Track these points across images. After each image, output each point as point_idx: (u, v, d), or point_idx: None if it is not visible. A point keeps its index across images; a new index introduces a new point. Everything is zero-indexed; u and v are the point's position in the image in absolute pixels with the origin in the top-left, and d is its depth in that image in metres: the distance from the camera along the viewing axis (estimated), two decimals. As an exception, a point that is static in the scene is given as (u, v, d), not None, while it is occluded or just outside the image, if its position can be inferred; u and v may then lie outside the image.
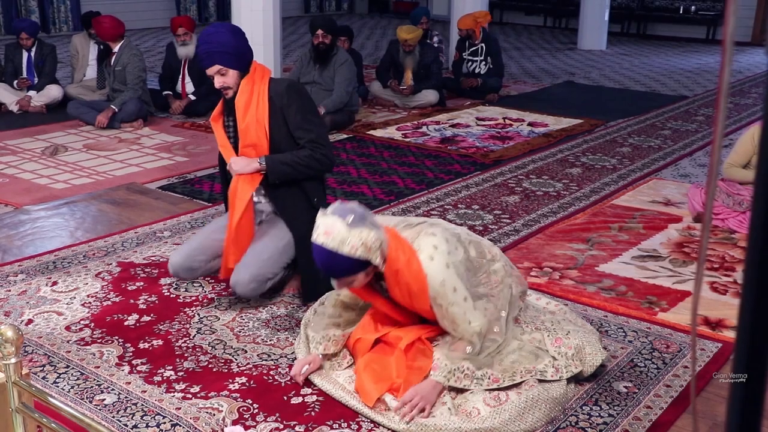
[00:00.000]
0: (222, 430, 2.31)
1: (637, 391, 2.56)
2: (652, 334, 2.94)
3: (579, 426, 2.36)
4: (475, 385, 2.36)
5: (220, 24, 3.11)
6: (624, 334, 2.95)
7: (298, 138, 3.03)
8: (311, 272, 2.95)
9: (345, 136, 6.08)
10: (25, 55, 6.79)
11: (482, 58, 7.63)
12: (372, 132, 6.19)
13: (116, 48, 6.27)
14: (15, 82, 6.75)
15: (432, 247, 2.31)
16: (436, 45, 7.99)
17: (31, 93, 6.73)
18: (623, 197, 4.63)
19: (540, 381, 2.42)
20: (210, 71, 2.97)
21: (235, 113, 3.03)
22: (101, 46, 6.52)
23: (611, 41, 12.03)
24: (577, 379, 2.55)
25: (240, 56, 2.98)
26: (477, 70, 7.66)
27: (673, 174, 5.20)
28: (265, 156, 3.02)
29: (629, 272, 3.53)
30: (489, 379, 2.37)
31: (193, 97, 6.69)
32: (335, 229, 2.16)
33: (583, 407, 2.46)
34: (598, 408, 2.45)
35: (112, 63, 6.29)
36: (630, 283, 3.41)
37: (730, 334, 2.94)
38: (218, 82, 2.98)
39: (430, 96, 7.15)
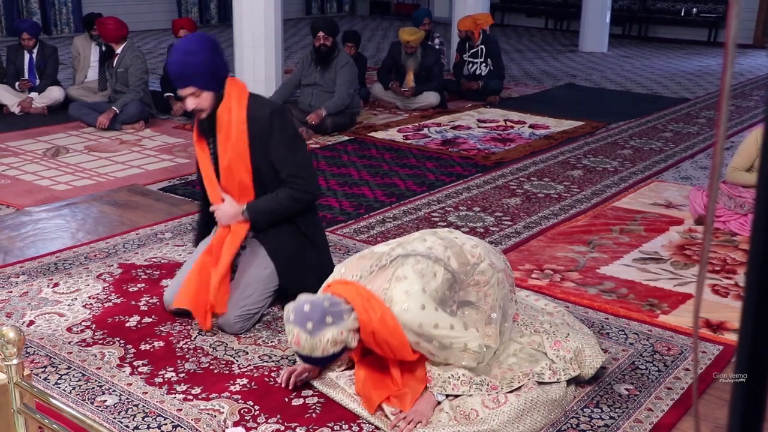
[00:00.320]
0: (224, 430, 2.31)
1: (638, 393, 2.56)
2: (654, 337, 2.94)
3: (580, 428, 2.36)
4: (474, 391, 2.35)
5: (193, 38, 2.84)
6: (625, 336, 2.94)
7: (278, 170, 2.92)
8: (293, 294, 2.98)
9: (346, 137, 6.08)
10: (26, 56, 6.80)
11: (482, 59, 7.63)
12: (373, 134, 6.20)
13: (119, 49, 6.28)
14: (17, 83, 6.76)
15: (404, 295, 2.26)
16: (437, 47, 7.99)
17: (33, 94, 6.73)
18: (624, 199, 4.63)
19: (539, 383, 2.42)
20: (182, 92, 2.83)
21: (212, 132, 2.93)
22: (103, 48, 6.53)
23: (612, 43, 12.03)
24: (577, 381, 2.55)
25: (215, 75, 2.80)
26: (478, 72, 7.67)
27: (674, 176, 5.20)
28: (248, 206, 2.93)
29: (630, 274, 3.53)
30: (487, 385, 2.37)
31: (194, 99, 6.68)
32: (301, 339, 2.23)
33: (584, 409, 2.46)
34: (599, 410, 2.45)
35: (114, 65, 6.30)
36: (631, 286, 3.41)
37: (731, 337, 2.94)
38: (191, 104, 2.83)
39: (431, 98, 7.15)
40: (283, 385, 2.53)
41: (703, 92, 8.44)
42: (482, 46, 7.59)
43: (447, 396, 2.37)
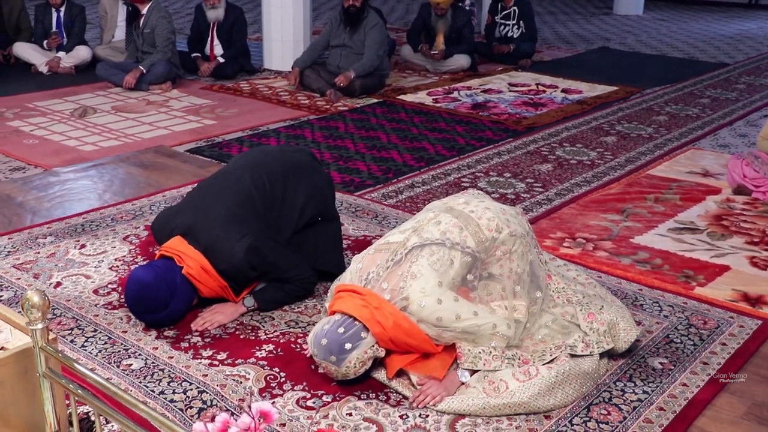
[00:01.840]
0: (249, 406, 2.29)
1: (672, 367, 2.49)
2: (689, 310, 2.86)
3: (612, 402, 2.31)
4: (506, 366, 2.30)
5: (142, 293, 2.58)
6: (659, 308, 2.87)
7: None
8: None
9: (375, 100, 5.99)
10: (54, 15, 6.77)
11: (515, 21, 7.46)
12: (402, 97, 6.10)
13: (144, 10, 6.22)
14: (45, 41, 6.75)
15: (419, 293, 2.23)
16: (468, 8, 7.82)
17: (61, 54, 6.72)
18: (659, 167, 4.50)
19: (571, 356, 2.35)
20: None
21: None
22: (130, 8, 6.47)
23: (648, 6, 11.71)
24: (610, 354, 2.49)
25: (183, 298, 2.65)
26: (510, 34, 7.49)
27: (711, 144, 5.05)
28: (254, 295, 2.76)
29: (665, 245, 3.43)
30: (519, 359, 2.32)
31: (221, 60, 6.64)
32: (331, 370, 2.30)
33: (617, 383, 2.40)
34: (632, 384, 2.39)
35: (140, 25, 6.24)
36: (666, 256, 3.31)
37: (770, 311, 2.85)
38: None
39: (461, 61, 7.02)
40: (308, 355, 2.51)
41: (743, 57, 8.18)
42: (515, 8, 7.41)
43: (473, 373, 2.32)
